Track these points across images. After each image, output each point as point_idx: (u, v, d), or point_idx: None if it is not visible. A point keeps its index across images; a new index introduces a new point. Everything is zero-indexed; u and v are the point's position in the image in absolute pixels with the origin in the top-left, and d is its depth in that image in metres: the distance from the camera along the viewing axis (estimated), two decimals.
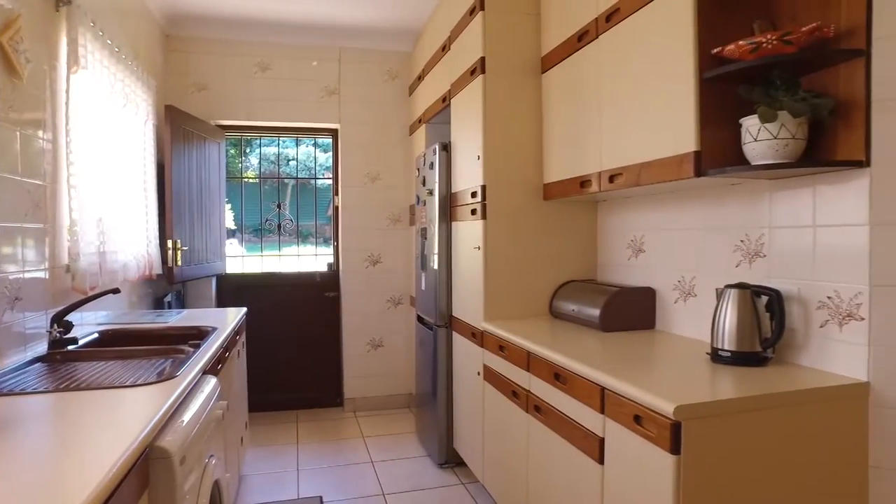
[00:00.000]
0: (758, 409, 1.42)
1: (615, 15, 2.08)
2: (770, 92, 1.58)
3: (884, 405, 1.49)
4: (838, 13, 1.56)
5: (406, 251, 4.29)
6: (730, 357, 1.69)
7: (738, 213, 1.92)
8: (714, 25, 1.72)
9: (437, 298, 3.13)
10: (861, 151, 1.50)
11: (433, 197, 3.17)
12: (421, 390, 3.57)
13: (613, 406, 1.58)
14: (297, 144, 4.43)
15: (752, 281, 1.84)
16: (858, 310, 1.53)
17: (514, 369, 2.25)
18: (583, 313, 2.38)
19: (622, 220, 2.57)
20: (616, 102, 2.10)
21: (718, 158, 1.70)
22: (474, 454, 2.78)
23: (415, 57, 4.12)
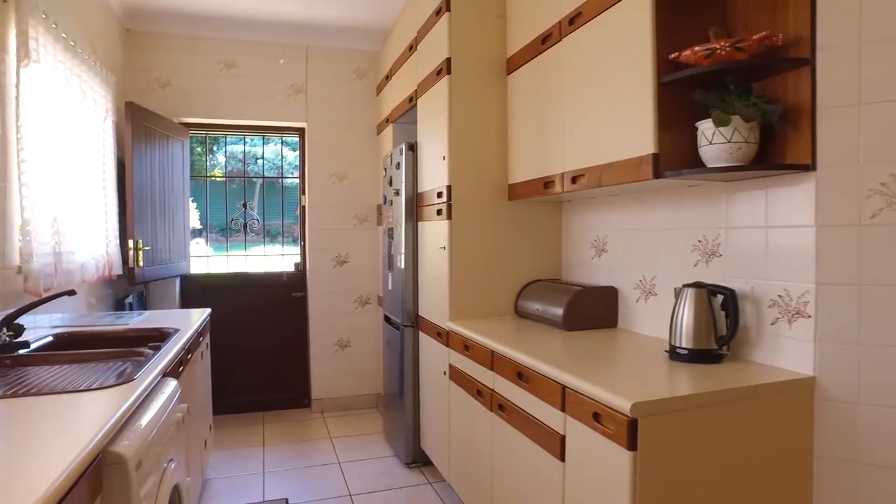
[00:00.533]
0: (711, 404, 1.46)
1: (578, 18, 2.11)
2: (724, 97, 1.63)
3: (827, 398, 1.55)
4: (786, 23, 1.62)
5: (373, 251, 4.28)
6: (687, 354, 1.74)
7: (696, 213, 1.97)
8: (672, 31, 1.76)
9: (403, 298, 3.14)
10: (808, 156, 1.56)
11: (400, 197, 3.17)
12: (388, 390, 3.57)
13: (574, 404, 1.61)
14: (263, 143, 4.37)
15: (709, 280, 1.89)
16: (806, 307, 1.59)
17: (479, 368, 2.27)
18: (547, 312, 2.41)
19: (586, 221, 2.61)
20: (579, 104, 2.13)
21: (676, 160, 1.75)
22: (441, 453, 2.79)
23: (383, 56, 4.11)
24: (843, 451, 1.54)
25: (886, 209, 1.48)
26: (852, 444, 1.53)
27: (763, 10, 1.71)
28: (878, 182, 1.48)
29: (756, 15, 1.74)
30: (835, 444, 1.55)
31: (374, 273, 4.28)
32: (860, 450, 1.52)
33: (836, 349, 1.54)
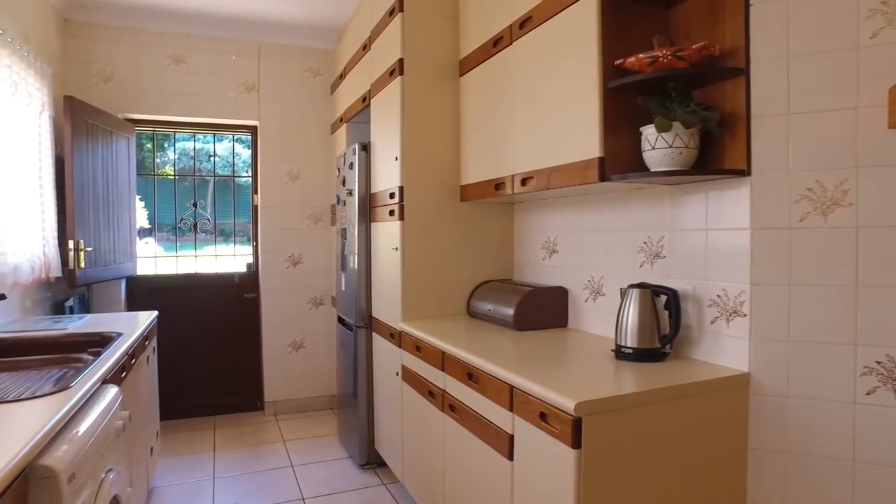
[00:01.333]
0: (653, 402, 1.51)
1: (528, 23, 2.14)
2: (666, 103, 1.68)
3: (761, 393, 1.62)
4: (723, 34, 1.69)
5: (328, 251, 4.23)
6: (632, 353, 1.79)
7: (641, 216, 2.02)
8: (617, 38, 1.80)
9: (357, 299, 3.12)
10: (743, 161, 1.63)
11: (353, 197, 3.14)
12: (342, 391, 3.54)
13: (521, 404, 1.63)
14: (214, 140, 4.26)
15: (654, 280, 1.95)
16: (742, 307, 1.65)
17: (430, 369, 2.28)
18: (498, 313, 2.44)
19: (537, 222, 2.65)
20: (528, 107, 2.16)
21: (621, 164, 1.79)
22: (394, 454, 2.78)
23: (337, 55, 4.06)
24: (773, 442, 1.61)
25: (813, 213, 1.55)
26: (782, 435, 1.60)
27: (703, 21, 1.78)
28: (806, 188, 1.56)
29: (697, 25, 1.80)
30: (767, 435, 1.62)
31: (329, 273, 4.23)
32: (789, 440, 1.59)
33: (769, 346, 1.61)
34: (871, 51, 1.49)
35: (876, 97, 1.49)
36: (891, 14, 1.47)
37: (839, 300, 1.53)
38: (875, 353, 1.50)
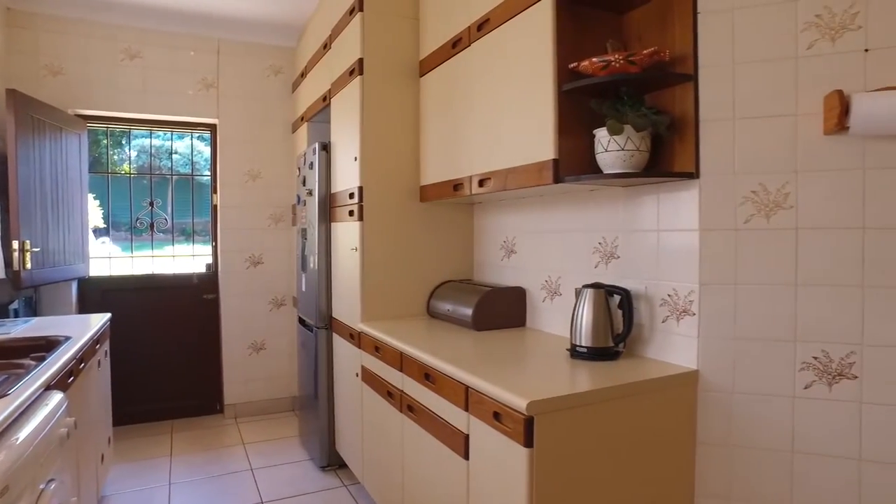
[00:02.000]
0: (605, 400, 1.54)
1: (486, 25, 2.15)
2: (618, 107, 1.71)
3: (709, 389, 1.67)
4: (673, 40, 1.73)
5: (289, 251, 4.18)
6: (586, 352, 1.82)
7: (596, 217, 2.06)
8: (572, 41, 1.83)
9: (317, 300, 3.09)
10: (692, 164, 1.67)
11: (313, 197, 3.11)
12: (303, 393, 3.50)
13: (476, 404, 1.64)
14: (173, 137, 4.15)
15: (609, 280, 1.99)
16: (691, 306, 1.70)
17: (389, 370, 2.28)
18: (457, 313, 2.45)
19: (496, 222, 2.67)
20: (486, 109, 2.17)
21: (575, 166, 1.82)
22: (355, 455, 2.77)
23: (298, 53, 4.02)
24: (720, 437, 1.67)
25: (756, 215, 1.61)
26: (728, 429, 1.65)
27: (654, 27, 1.82)
28: (750, 190, 1.61)
29: (648, 31, 1.85)
30: (714, 430, 1.67)
31: (290, 274, 4.18)
32: (734, 434, 1.65)
33: (716, 344, 1.66)
34: (807, 61, 1.55)
35: (813, 105, 1.55)
36: (824, 27, 1.53)
37: (780, 299, 1.59)
38: (812, 348, 1.56)
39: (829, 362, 1.56)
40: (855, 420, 1.53)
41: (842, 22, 1.52)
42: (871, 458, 1.52)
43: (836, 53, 1.54)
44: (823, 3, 1.54)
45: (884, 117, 1.42)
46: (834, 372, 1.55)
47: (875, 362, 1.51)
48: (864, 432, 1.52)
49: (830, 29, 1.54)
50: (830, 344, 1.55)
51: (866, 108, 1.43)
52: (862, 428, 1.53)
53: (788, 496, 1.60)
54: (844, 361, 1.54)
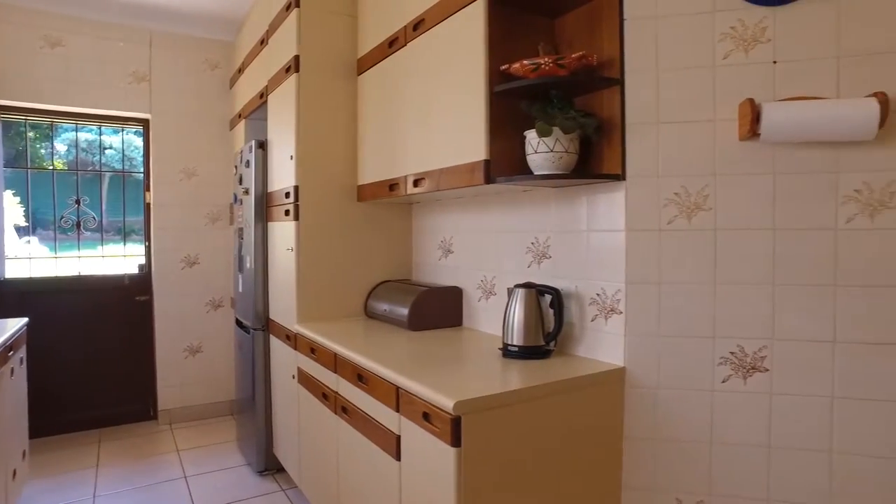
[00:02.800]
0: (533, 398, 1.56)
1: (421, 25, 2.15)
2: (547, 109, 1.74)
3: (635, 385, 1.72)
4: (601, 45, 1.78)
5: (227, 251, 4.06)
6: (517, 351, 1.84)
7: (529, 217, 2.09)
8: (504, 43, 1.85)
9: (254, 301, 3.01)
10: (619, 166, 1.72)
11: (249, 196, 3.04)
12: (241, 396, 3.41)
13: (406, 405, 1.64)
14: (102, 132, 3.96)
15: (541, 280, 2.02)
16: (618, 305, 1.75)
17: (324, 371, 2.24)
18: (394, 313, 2.44)
19: (434, 222, 2.68)
20: (421, 109, 2.17)
21: (507, 167, 1.84)
22: (292, 459, 2.72)
23: (236, 48, 3.91)
24: (645, 430, 1.72)
25: (679, 217, 1.67)
26: (653, 423, 1.71)
27: (584, 32, 1.86)
28: (673, 192, 1.67)
29: (579, 35, 1.89)
30: (640, 424, 1.73)
31: (228, 275, 4.06)
32: (658, 428, 1.71)
33: (641, 341, 1.71)
34: (724, 70, 1.62)
35: (729, 112, 1.62)
36: (738, 38, 1.61)
37: (700, 297, 1.66)
38: (729, 344, 1.64)
39: (744, 357, 1.63)
40: (766, 410, 1.61)
41: (753, 34, 1.60)
42: (778, 445, 1.60)
43: (749, 64, 1.61)
44: (737, 16, 1.62)
45: (789, 126, 1.50)
46: (748, 366, 1.63)
47: (784, 355, 1.60)
48: (774, 421, 1.61)
49: (744, 40, 1.61)
50: (745, 339, 1.63)
51: (774, 116, 1.51)
52: (772, 417, 1.61)
53: (707, 484, 1.67)
54: (757, 355, 1.62)
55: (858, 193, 1.55)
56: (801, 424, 1.59)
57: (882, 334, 1.53)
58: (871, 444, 1.54)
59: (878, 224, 1.54)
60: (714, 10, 1.64)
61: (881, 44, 1.52)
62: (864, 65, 1.53)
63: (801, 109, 1.51)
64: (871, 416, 1.54)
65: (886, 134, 1.50)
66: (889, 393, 1.53)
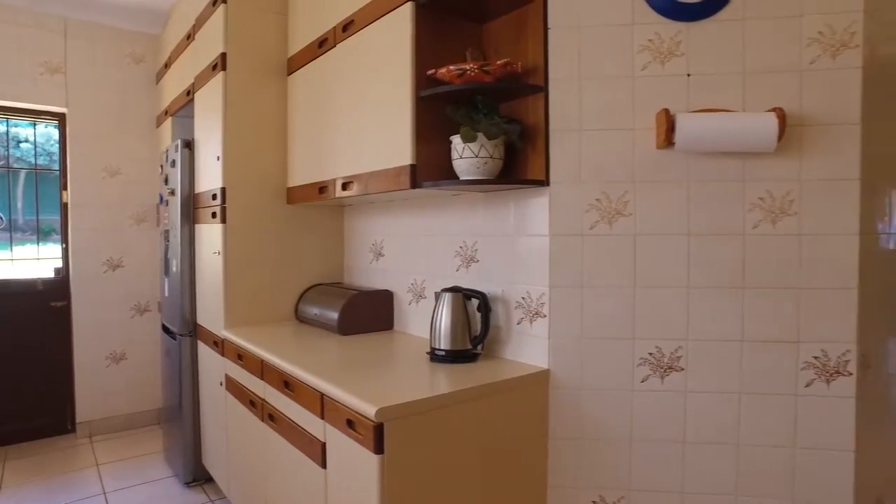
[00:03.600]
0: (458, 402, 1.57)
1: (350, 26, 2.13)
2: (472, 115, 1.76)
3: (559, 387, 1.76)
4: (526, 53, 1.81)
5: (153, 254, 3.89)
6: (445, 355, 1.85)
7: (458, 221, 2.11)
8: (432, 48, 1.86)
9: (181, 306, 2.90)
10: (543, 172, 1.76)
11: (175, 197, 2.92)
12: (168, 404, 3.28)
13: (331, 411, 1.62)
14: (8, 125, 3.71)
15: (469, 283, 2.04)
16: (543, 308, 1.78)
17: (251, 378, 2.19)
18: (324, 317, 2.41)
19: (365, 225, 2.66)
20: (350, 111, 2.15)
21: (434, 171, 1.85)
22: (221, 468, 2.64)
23: (163, 41, 3.75)
24: (569, 431, 1.76)
25: (600, 222, 1.72)
26: (577, 423, 1.76)
27: (510, 39, 1.89)
28: (595, 198, 1.72)
29: (505, 42, 1.92)
30: (564, 425, 1.77)
31: (155, 278, 3.89)
32: (582, 428, 1.75)
33: (565, 344, 1.75)
34: (642, 80, 1.69)
35: (648, 121, 1.68)
36: (655, 50, 1.67)
37: (621, 300, 1.71)
38: (647, 345, 1.70)
39: (662, 357, 1.70)
40: (681, 408, 1.69)
41: (669, 48, 1.67)
42: (692, 440, 1.68)
43: (665, 75, 1.68)
44: (654, 29, 1.68)
45: (700, 136, 1.57)
46: (665, 366, 1.70)
47: (697, 355, 1.67)
48: (688, 418, 1.68)
49: (660, 53, 1.68)
50: (662, 340, 1.70)
51: (687, 126, 1.58)
52: (686, 414, 1.68)
53: (628, 480, 1.73)
54: (674, 356, 1.69)
55: (762, 201, 1.64)
56: (713, 420, 1.67)
57: (782, 332, 1.63)
58: (772, 435, 1.65)
59: (780, 230, 1.63)
60: (633, 22, 1.69)
61: (779, 63, 1.62)
62: (765, 81, 1.62)
63: (711, 121, 1.58)
64: (772, 409, 1.64)
65: (784, 146, 1.60)
66: (787, 387, 1.64)
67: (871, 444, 1.74)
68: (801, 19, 1.61)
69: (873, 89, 1.67)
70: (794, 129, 1.61)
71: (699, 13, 1.66)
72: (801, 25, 1.62)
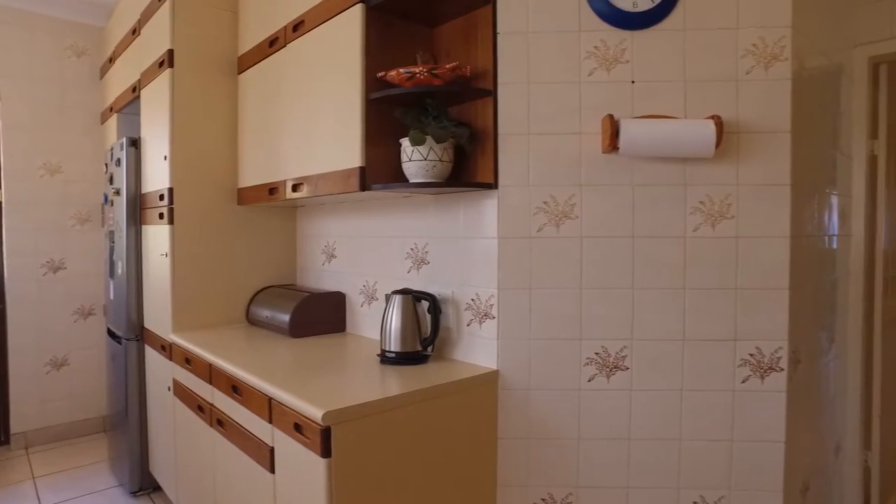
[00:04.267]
0: (407, 404, 1.57)
1: (301, 26, 2.11)
2: (421, 118, 1.77)
3: (507, 387, 1.79)
4: (476, 57, 1.83)
5: (98, 255, 3.76)
6: (395, 357, 1.85)
7: (409, 223, 2.11)
8: (382, 51, 1.86)
9: (127, 309, 2.81)
10: (491, 175, 1.78)
11: (121, 197, 2.83)
12: (113, 411, 3.17)
13: (279, 416, 1.60)
14: None
15: (420, 285, 2.05)
16: (491, 309, 1.81)
17: (200, 383, 2.14)
18: (275, 319, 2.37)
19: (318, 226, 2.63)
20: (300, 112, 2.13)
21: (384, 174, 1.85)
22: (169, 476, 2.57)
23: (107, 34, 3.62)
24: (518, 430, 1.79)
25: (548, 224, 1.75)
26: (525, 423, 1.78)
27: (461, 43, 1.91)
28: (542, 201, 1.75)
29: (455, 46, 1.93)
30: (513, 425, 1.79)
31: (100, 280, 3.76)
32: (531, 427, 1.78)
33: (513, 345, 1.78)
34: (588, 86, 1.73)
35: (594, 125, 1.72)
36: (601, 57, 1.71)
37: (568, 301, 1.75)
38: (594, 345, 1.74)
39: (608, 357, 1.74)
40: (626, 405, 1.73)
41: (614, 55, 1.72)
42: (637, 437, 1.73)
43: (610, 82, 1.73)
44: (600, 37, 1.73)
45: (643, 141, 1.62)
46: (611, 365, 1.74)
47: (642, 354, 1.72)
48: (633, 415, 1.73)
49: (606, 60, 1.72)
50: (608, 340, 1.74)
51: (631, 132, 1.62)
52: (631, 412, 1.73)
53: (576, 478, 1.77)
54: (619, 355, 1.74)
55: (702, 205, 1.71)
56: (656, 417, 1.73)
57: (721, 331, 1.70)
58: (711, 429, 1.71)
59: (718, 233, 1.70)
60: (580, 29, 1.73)
61: (717, 72, 1.69)
62: (704, 90, 1.69)
63: (653, 127, 1.63)
64: (711, 405, 1.71)
65: (723, 153, 1.67)
66: (725, 383, 1.71)
67: (798, 435, 1.83)
68: (737, 32, 1.68)
69: (801, 99, 1.76)
70: (732, 135, 1.68)
71: (643, 22, 1.71)
72: (738, 38, 1.69)
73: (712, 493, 1.73)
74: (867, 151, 2.37)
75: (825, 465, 2.19)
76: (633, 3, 1.69)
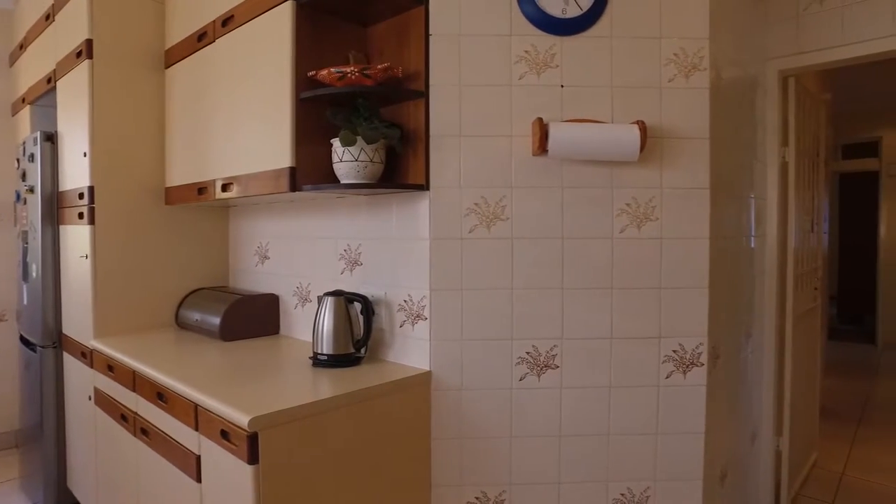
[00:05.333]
0: (338, 407, 1.55)
1: (230, 21, 2.05)
2: (352, 118, 1.75)
3: (440, 388, 1.79)
4: (408, 58, 1.83)
5: (10, 257, 3.51)
6: (327, 360, 1.83)
7: (343, 224, 2.09)
8: (313, 49, 1.82)
9: (42, 314, 2.65)
10: (423, 177, 1.78)
11: (35, 195, 2.66)
12: (27, 424, 2.98)
13: (205, 423, 1.55)
14: None
15: (353, 286, 2.03)
16: (424, 310, 1.81)
17: (123, 391, 2.04)
18: (206, 323, 2.30)
19: (250, 227, 2.57)
20: (230, 110, 2.07)
21: (315, 174, 1.82)
22: (89, 491, 2.44)
23: (17, 18, 3.38)
24: (451, 430, 1.80)
25: (479, 226, 1.77)
26: (458, 423, 1.80)
27: (394, 43, 1.90)
28: (473, 203, 1.77)
29: (389, 46, 1.92)
30: (446, 425, 1.80)
31: (12, 284, 3.52)
32: (463, 427, 1.80)
33: (446, 345, 1.79)
34: (519, 89, 1.76)
35: (524, 128, 1.75)
36: (531, 61, 1.75)
37: (499, 301, 1.77)
38: (525, 345, 1.78)
39: (538, 356, 1.78)
40: (556, 403, 1.78)
41: (544, 59, 1.75)
42: (567, 433, 1.78)
43: (540, 85, 1.76)
44: (531, 41, 1.76)
45: (571, 144, 1.67)
46: (542, 364, 1.78)
47: (571, 352, 1.77)
48: (563, 412, 1.78)
49: (536, 64, 1.76)
50: (539, 339, 1.78)
51: (559, 135, 1.66)
52: (561, 409, 1.78)
53: (508, 476, 1.79)
54: (549, 354, 1.78)
55: (629, 207, 1.77)
56: (585, 413, 1.78)
57: (646, 329, 1.77)
58: (638, 423, 1.78)
59: (644, 234, 1.77)
60: (511, 33, 1.76)
61: (642, 79, 1.75)
62: (629, 95, 1.75)
63: (581, 130, 1.68)
64: (637, 401, 1.78)
65: (647, 157, 1.74)
66: (651, 379, 1.78)
67: (717, 425, 1.93)
68: (660, 41, 1.76)
69: (719, 108, 1.86)
70: (656, 140, 1.75)
71: (572, 29, 1.76)
72: (661, 47, 1.76)
73: (638, 484, 1.80)
74: (779, 158, 2.52)
75: (742, 452, 2.31)
76: (562, 9, 1.74)
